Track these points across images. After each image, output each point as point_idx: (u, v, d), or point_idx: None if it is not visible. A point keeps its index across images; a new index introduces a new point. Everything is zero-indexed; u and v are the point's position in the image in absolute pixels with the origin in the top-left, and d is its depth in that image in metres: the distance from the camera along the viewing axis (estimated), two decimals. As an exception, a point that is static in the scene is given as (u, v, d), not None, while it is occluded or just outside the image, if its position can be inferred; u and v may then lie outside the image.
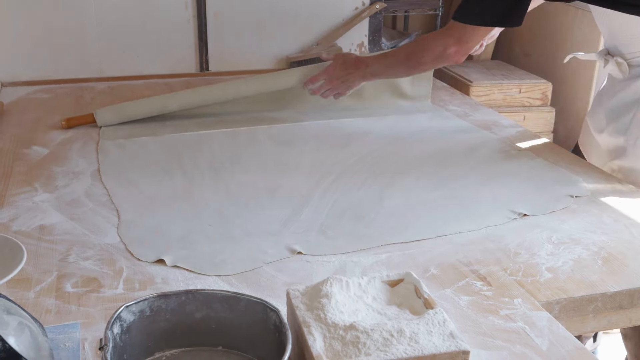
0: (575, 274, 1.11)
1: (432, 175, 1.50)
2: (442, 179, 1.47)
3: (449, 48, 1.52)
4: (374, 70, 1.70)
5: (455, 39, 1.51)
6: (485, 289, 1.06)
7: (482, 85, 2.69)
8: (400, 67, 1.67)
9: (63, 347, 0.91)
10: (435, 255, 1.17)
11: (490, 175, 1.50)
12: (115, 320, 0.82)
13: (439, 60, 1.57)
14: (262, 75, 1.92)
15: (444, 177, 1.48)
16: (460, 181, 1.46)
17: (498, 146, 1.68)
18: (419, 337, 0.79)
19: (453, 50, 1.52)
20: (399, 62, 1.66)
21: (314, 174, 1.49)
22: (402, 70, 1.69)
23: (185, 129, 1.77)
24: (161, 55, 2.36)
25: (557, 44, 2.86)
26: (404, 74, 1.79)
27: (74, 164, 1.56)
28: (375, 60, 1.72)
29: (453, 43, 1.51)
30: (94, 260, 1.14)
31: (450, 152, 1.63)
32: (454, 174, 1.50)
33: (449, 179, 1.47)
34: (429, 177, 1.49)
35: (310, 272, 1.11)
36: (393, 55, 1.70)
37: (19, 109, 1.97)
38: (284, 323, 0.81)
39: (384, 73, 1.73)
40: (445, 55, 1.53)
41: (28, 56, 2.24)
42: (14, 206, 1.33)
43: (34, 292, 1.04)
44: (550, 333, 0.95)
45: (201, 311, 0.88)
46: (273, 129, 1.79)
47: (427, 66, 1.63)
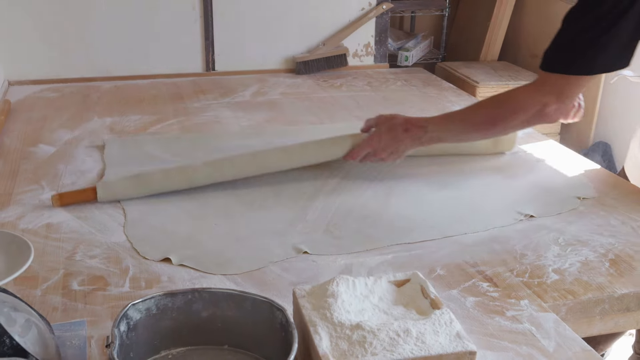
0: (582, 276, 1.11)
1: (438, 176, 1.49)
2: (448, 180, 1.47)
3: (548, 106, 1.25)
4: (434, 136, 1.39)
5: (555, 95, 1.24)
6: (491, 290, 1.06)
7: (489, 86, 2.69)
8: (475, 133, 1.39)
9: (70, 344, 0.91)
10: (441, 256, 1.16)
11: (496, 176, 1.50)
12: (122, 318, 0.82)
13: (531, 122, 1.31)
14: (299, 146, 1.50)
15: (451, 178, 1.48)
16: (467, 182, 1.46)
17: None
18: (425, 337, 0.79)
19: (553, 108, 1.25)
20: (474, 126, 1.37)
21: (320, 174, 1.48)
22: (479, 137, 1.42)
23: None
24: (168, 55, 2.36)
25: (564, 45, 2.86)
26: (479, 139, 1.48)
27: (80, 162, 1.56)
28: (437, 124, 1.40)
29: (553, 100, 1.25)
30: (101, 258, 1.14)
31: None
32: (461, 175, 1.50)
33: (456, 180, 1.47)
34: (435, 177, 1.48)
35: (317, 272, 1.11)
36: (464, 119, 1.38)
37: (25, 108, 1.97)
38: (290, 322, 0.81)
39: (449, 140, 1.43)
40: (542, 115, 1.27)
41: (35, 55, 2.24)
42: (21, 204, 1.33)
43: (40, 290, 1.04)
44: (557, 334, 0.95)
45: (207, 310, 0.88)
46: (280, 129, 1.78)
47: (514, 130, 1.40)
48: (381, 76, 2.42)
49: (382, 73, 2.47)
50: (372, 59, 2.57)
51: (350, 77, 2.39)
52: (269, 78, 2.37)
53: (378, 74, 2.46)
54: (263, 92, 2.18)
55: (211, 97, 2.11)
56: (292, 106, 2.03)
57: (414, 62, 2.99)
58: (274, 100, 2.10)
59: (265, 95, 2.16)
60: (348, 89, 2.25)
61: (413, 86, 2.29)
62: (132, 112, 1.95)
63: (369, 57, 2.56)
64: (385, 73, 2.48)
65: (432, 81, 2.38)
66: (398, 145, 1.41)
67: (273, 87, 2.25)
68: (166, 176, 1.38)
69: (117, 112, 1.94)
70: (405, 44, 3.04)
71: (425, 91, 2.22)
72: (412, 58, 2.97)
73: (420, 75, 2.45)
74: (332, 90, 2.22)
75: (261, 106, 2.03)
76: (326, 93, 2.19)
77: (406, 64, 2.93)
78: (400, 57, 2.96)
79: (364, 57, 2.55)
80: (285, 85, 2.28)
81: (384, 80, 2.36)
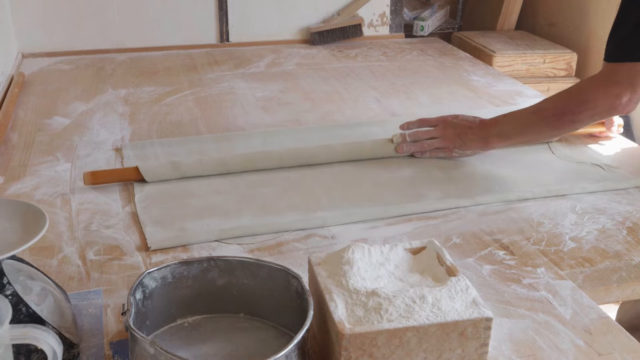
0: (600, 244, 1.10)
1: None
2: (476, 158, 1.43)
3: (621, 97, 1.20)
4: (501, 131, 1.33)
5: (627, 85, 1.20)
6: (508, 258, 1.05)
7: (506, 55, 2.65)
8: (544, 128, 1.31)
9: (86, 313, 0.91)
10: (457, 225, 1.16)
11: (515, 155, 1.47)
12: (138, 286, 0.82)
13: (602, 115, 1.29)
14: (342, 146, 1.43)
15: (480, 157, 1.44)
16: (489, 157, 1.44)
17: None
18: (441, 303, 0.78)
19: (626, 99, 1.20)
20: (543, 121, 1.30)
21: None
22: (547, 131, 1.33)
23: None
24: (182, 26, 2.35)
25: (583, 13, 2.82)
26: (547, 136, 1.40)
27: (95, 134, 1.56)
28: (504, 119, 1.35)
29: (626, 90, 1.20)
30: (116, 228, 1.14)
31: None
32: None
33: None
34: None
35: (332, 241, 1.11)
36: (531, 112, 1.32)
37: (40, 80, 1.98)
38: (305, 289, 0.81)
39: (517, 136, 1.35)
40: (616, 106, 1.22)
41: (49, 27, 2.24)
42: (37, 175, 1.34)
43: (56, 260, 1.05)
44: (573, 302, 0.94)
45: (223, 278, 0.88)
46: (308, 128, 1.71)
47: (583, 124, 1.30)
48: (397, 46, 2.40)
49: (397, 43, 2.45)
50: (387, 29, 2.55)
51: (365, 48, 2.38)
52: (284, 49, 2.35)
53: (394, 44, 2.44)
54: (278, 63, 2.17)
55: (225, 69, 2.10)
56: (307, 77, 2.02)
57: (430, 32, 2.95)
58: (289, 71, 2.08)
59: (280, 66, 2.15)
60: (363, 59, 2.23)
61: (429, 56, 2.27)
62: (147, 83, 1.94)
63: (384, 27, 2.54)
64: (401, 43, 2.46)
65: (449, 51, 2.35)
66: (463, 140, 1.35)
67: (288, 58, 2.24)
68: (205, 165, 1.34)
69: (132, 84, 1.94)
70: (421, 13, 3.01)
71: (441, 61, 2.20)
72: (427, 28, 2.93)
73: (436, 45, 2.43)
74: (347, 61, 2.21)
75: (276, 77, 2.02)
76: (341, 63, 2.17)
77: (422, 33, 2.89)
78: (416, 26, 2.92)
79: (379, 27, 2.53)
80: (300, 56, 2.27)
81: (400, 50, 2.34)
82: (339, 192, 1.27)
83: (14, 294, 0.77)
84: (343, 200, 1.24)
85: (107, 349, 0.85)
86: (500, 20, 3.07)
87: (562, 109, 1.27)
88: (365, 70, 2.09)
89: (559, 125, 1.29)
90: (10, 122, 1.63)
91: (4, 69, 1.93)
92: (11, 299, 0.76)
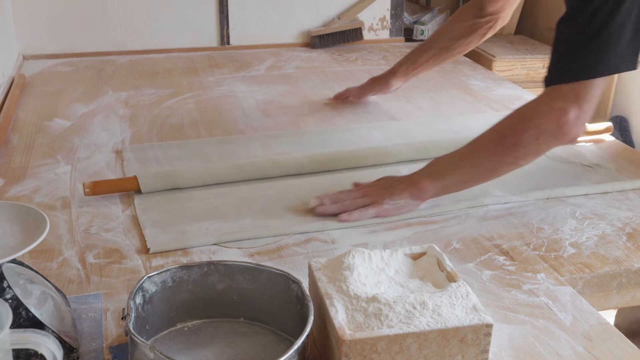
0: (599, 250, 1.10)
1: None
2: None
3: (567, 112, 1.08)
4: (433, 170, 1.18)
5: (573, 99, 1.08)
6: (508, 264, 1.05)
7: (505, 59, 2.66)
8: (483, 159, 1.16)
9: (86, 317, 0.91)
10: (457, 230, 1.16)
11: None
12: (138, 290, 0.82)
13: (549, 137, 1.10)
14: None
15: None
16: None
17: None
18: (441, 309, 0.78)
19: (573, 115, 1.07)
20: (481, 149, 1.16)
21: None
22: (487, 162, 1.16)
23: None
24: (182, 29, 2.35)
25: (582, 18, 2.82)
26: (488, 169, 1.17)
27: (96, 136, 1.56)
28: (437, 159, 1.21)
29: (572, 103, 1.08)
30: (116, 231, 1.14)
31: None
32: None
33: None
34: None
35: (332, 246, 1.11)
36: (468, 145, 1.17)
37: (41, 82, 1.98)
38: (305, 295, 0.81)
39: (452, 172, 1.17)
40: (562, 124, 1.08)
41: (50, 29, 2.24)
42: (37, 177, 1.34)
43: (56, 263, 1.05)
44: (573, 308, 0.94)
45: (223, 282, 0.88)
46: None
47: (528, 149, 1.12)
48: (397, 50, 2.40)
49: (397, 47, 2.45)
50: (387, 33, 2.55)
51: (365, 51, 2.38)
52: (284, 52, 2.35)
53: (394, 47, 2.44)
54: (278, 66, 2.17)
55: (226, 71, 2.10)
56: (307, 80, 2.02)
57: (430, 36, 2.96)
58: (289, 74, 2.09)
59: (280, 69, 2.15)
60: (363, 62, 2.23)
61: (429, 60, 2.27)
62: (147, 86, 1.94)
63: (384, 30, 2.54)
64: (401, 47, 2.46)
65: (448, 55, 2.35)
66: (390, 191, 1.19)
67: (288, 61, 2.24)
68: (204, 174, 1.31)
69: (132, 87, 1.94)
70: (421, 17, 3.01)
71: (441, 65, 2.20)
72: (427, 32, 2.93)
73: (436, 49, 2.43)
74: (347, 64, 2.21)
75: (276, 80, 2.02)
76: (341, 67, 2.17)
77: (422, 37, 2.89)
78: (416, 30, 2.92)
79: (379, 30, 2.53)
80: (300, 59, 2.27)
81: (400, 54, 2.33)
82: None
83: (14, 298, 0.77)
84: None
85: (106, 353, 0.85)
86: (500, 24, 3.07)
87: (502, 132, 1.14)
88: (366, 74, 2.08)
89: (499, 152, 1.13)
90: (11, 123, 1.63)
91: (5, 70, 1.93)
92: (11, 303, 0.76)
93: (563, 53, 1.11)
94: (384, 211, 1.17)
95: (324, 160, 1.39)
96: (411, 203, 1.18)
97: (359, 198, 1.18)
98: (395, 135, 1.55)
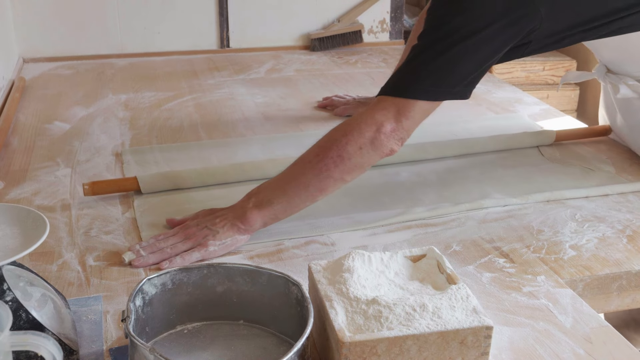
0: (600, 252, 1.10)
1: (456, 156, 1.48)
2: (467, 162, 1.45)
3: (384, 125, 1.08)
4: (259, 199, 1.10)
5: (393, 113, 1.08)
6: (508, 266, 1.05)
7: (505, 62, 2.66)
8: (309, 177, 1.09)
9: (86, 319, 0.91)
10: (457, 232, 1.16)
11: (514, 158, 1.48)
12: (138, 292, 0.82)
13: (369, 148, 1.08)
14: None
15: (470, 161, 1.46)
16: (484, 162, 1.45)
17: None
18: (441, 312, 0.78)
19: (389, 127, 1.07)
20: (306, 166, 1.10)
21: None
22: (313, 179, 1.09)
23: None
24: (182, 31, 2.35)
25: (582, 21, 2.83)
26: (315, 189, 1.10)
27: (96, 139, 1.56)
28: (262, 186, 1.13)
29: (390, 118, 1.08)
30: (116, 234, 1.14)
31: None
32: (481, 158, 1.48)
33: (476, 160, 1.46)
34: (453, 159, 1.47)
35: (332, 248, 1.11)
36: (293, 165, 1.12)
37: (40, 85, 1.98)
38: (305, 297, 0.81)
39: (280, 198, 1.10)
40: (377, 136, 1.07)
41: (50, 32, 2.24)
42: (37, 180, 1.34)
43: (56, 265, 1.05)
44: (574, 310, 0.94)
45: (223, 285, 0.88)
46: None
47: (352, 161, 1.08)
48: (397, 52, 2.40)
49: (397, 50, 2.45)
50: (387, 36, 2.55)
51: (365, 54, 2.38)
52: (284, 55, 2.36)
53: (393, 50, 2.44)
54: (278, 69, 2.17)
55: (226, 74, 2.10)
56: (307, 83, 2.02)
57: (430, 38, 2.96)
58: (289, 77, 2.09)
59: (280, 72, 2.15)
60: (363, 65, 2.24)
61: (429, 62, 2.27)
62: (147, 89, 1.94)
63: (384, 33, 2.54)
64: (401, 49, 2.46)
65: (448, 57, 2.35)
66: (212, 229, 1.09)
67: (288, 64, 2.24)
68: (203, 177, 1.32)
69: (132, 89, 1.94)
70: (421, 20, 3.01)
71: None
72: (427, 34, 2.94)
73: (436, 52, 2.43)
74: (347, 67, 2.21)
75: (276, 83, 2.02)
76: (341, 70, 2.18)
77: (422, 40, 2.90)
78: (416, 33, 2.93)
79: (379, 33, 2.53)
80: (300, 62, 2.27)
81: (400, 57, 2.34)
82: (338, 199, 1.27)
83: (14, 300, 0.77)
84: (342, 207, 1.24)
85: (106, 355, 0.85)
86: (500, 27, 3.07)
87: (325, 146, 1.10)
88: (365, 77, 2.09)
89: (325, 168, 1.08)
90: (11, 126, 1.63)
91: (5, 73, 1.93)
92: (11, 305, 0.76)
93: (401, 67, 1.13)
94: (209, 254, 1.07)
95: None
96: (239, 239, 1.09)
97: (179, 242, 1.08)
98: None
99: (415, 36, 1.14)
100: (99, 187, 1.26)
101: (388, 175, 1.37)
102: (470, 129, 1.61)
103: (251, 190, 1.13)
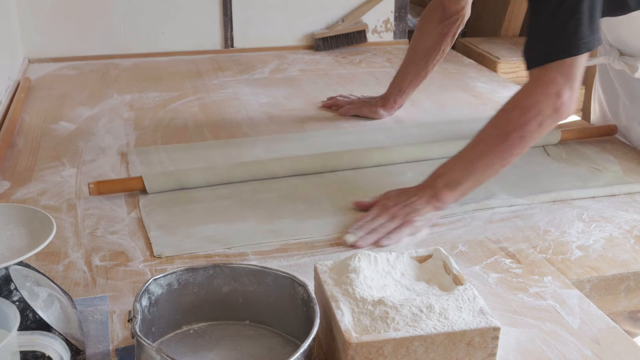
0: (607, 253, 1.09)
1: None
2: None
3: (561, 95, 1.12)
4: (448, 180, 1.18)
5: (562, 80, 1.12)
6: (514, 267, 1.05)
7: (510, 62, 2.65)
8: (492, 158, 1.17)
9: (92, 319, 0.91)
10: (463, 232, 1.16)
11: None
12: (144, 293, 0.82)
13: (549, 122, 1.14)
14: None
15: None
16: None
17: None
18: (448, 312, 0.78)
19: (567, 96, 1.12)
20: (489, 149, 1.17)
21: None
22: (496, 159, 1.17)
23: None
24: (186, 32, 2.35)
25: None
26: (498, 167, 1.18)
27: (101, 139, 1.56)
28: (445, 168, 1.21)
29: (563, 86, 1.12)
30: (122, 234, 1.14)
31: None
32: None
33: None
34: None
35: (338, 248, 1.11)
36: (473, 146, 1.20)
37: (46, 85, 1.98)
38: (312, 297, 0.81)
39: (467, 179, 1.18)
40: (559, 107, 1.12)
41: (55, 33, 2.24)
42: (42, 180, 1.34)
43: (62, 265, 1.05)
44: (581, 311, 0.94)
45: (229, 285, 0.88)
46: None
47: (533, 139, 1.15)
48: (401, 52, 2.39)
49: (401, 49, 2.44)
50: (391, 35, 2.55)
51: (369, 54, 2.37)
52: (288, 55, 2.35)
53: (397, 50, 2.43)
54: (282, 69, 2.17)
55: (230, 74, 2.10)
56: (311, 83, 2.02)
57: (434, 38, 2.95)
58: (293, 77, 2.08)
59: (284, 72, 2.15)
60: (367, 65, 2.23)
61: (433, 62, 2.26)
62: (151, 89, 1.94)
63: (388, 33, 2.54)
64: (405, 49, 2.44)
65: (453, 57, 2.35)
66: (411, 201, 1.18)
67: (292, 63, 2.24)
68: (208, 176, 1.32)
69: (137, 89, 1.94)
70: (425, 20, 3.01)
71: (445, 67, 2.20)
72: (432, 34, 2.93)
73: (441, 52, 2.42)
74: (351, 67, 2.21)
75: (280, 83, 2.02)
76: (345, 70, 2.17)
77: (426, 40, 2.90)
78: (420, 33, 2.93)
79: (383, 33, 2.53)
80: (304, 62, 2.27)
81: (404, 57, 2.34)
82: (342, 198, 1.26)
83: (21, 300, 0.77)
84: (348, 207, 1.24)
85: (113, 355, 0.85)
86: (505, 26, 3.07)
87: (505, 129, 1.16)
88: (369, 77, 2.09)
89: (508, 148, 1.15)
90: (17, 127, 1.63)
91: (11, 74, 1.93)
92: (18, 305, 0.76)
93: (541, 38, 1.16)
94: (416, 228, 1.15)
95: (330, 158, 1.39)
96: (435, 215, 1.18)
97: (387, 222, 1.15)
98: (400, 138, 1.54)
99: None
100: (104, 186, 1.26)
101: (393, 175, 1.37)
102: (476, 129, 1.60)
103: (435, 170, 1.21)
